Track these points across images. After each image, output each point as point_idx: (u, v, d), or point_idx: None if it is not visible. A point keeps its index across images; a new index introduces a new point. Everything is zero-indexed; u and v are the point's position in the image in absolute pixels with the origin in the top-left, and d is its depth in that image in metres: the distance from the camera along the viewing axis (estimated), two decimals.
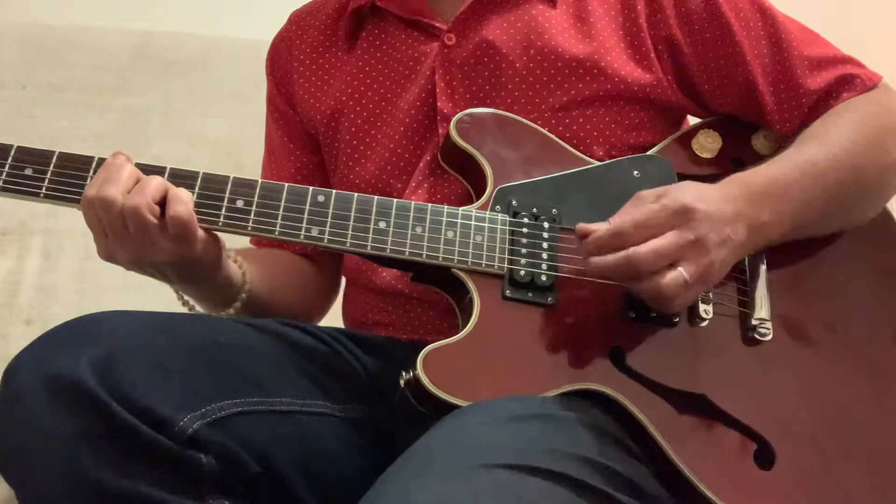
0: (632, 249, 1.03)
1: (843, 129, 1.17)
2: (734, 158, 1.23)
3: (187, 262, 1.10)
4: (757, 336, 1.12)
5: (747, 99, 1.24)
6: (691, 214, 1.04)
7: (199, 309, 1.22)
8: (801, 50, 1.22)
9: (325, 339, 1.21)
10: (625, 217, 1.05)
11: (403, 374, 1.04)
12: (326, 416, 1.12)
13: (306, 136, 1.37)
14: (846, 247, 1.20)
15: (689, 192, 1.06)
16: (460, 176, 1.21)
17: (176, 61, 1.98)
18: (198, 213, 1.08)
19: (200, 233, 1.08)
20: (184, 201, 1.06)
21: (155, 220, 1.05)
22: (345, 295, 1.37)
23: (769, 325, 1.12)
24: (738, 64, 1.23)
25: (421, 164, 1.24)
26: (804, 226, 1.14)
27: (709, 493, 1.04)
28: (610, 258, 1.04)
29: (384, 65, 1.29)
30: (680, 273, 1.03)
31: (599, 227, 1.05)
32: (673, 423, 1.06)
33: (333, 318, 1.39)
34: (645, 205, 1.05)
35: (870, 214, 1.22)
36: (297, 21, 1.39)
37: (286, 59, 1.37)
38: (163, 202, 1.06)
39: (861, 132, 1.17)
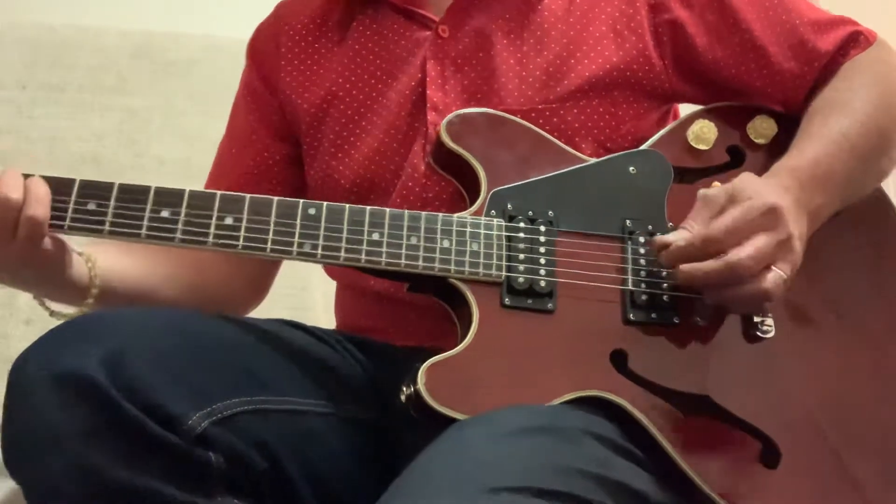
0: (732, 255, 1.02)
1: (862, 94, 1.19)
2: (730, 148, 1.21)
3: (28, 266, 1.07)
4: (759, 334, 1.11)
5: (763, 71, 1.22)
6: (778, 214, 1.04)
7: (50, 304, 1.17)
8: (806, 15, 1.23)
9: (329, 341, 1.21)
10: (717, 222, 1.04)
11: (404, 388, 1.03)
12: (330, 416, 1.12)
13: (280, 123, 1.33)
14: (843, 237, 1.19)
15: (766, 190, 1.06)
16: (453, 178, 1.18)
17: (176, 61, 1.98)
18: (185, 232, 1.05)
19: (46, 238, 1.05)
20: (43, 203, 1.03)
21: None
22: (337, 298, 1.35)
23: (771, 322, 1.11)
24: (748, 41, 1.22)
25: (410, 155, 1.22)
26: (849, 197, 1.16)
27: (714, 496, 1.03)
28: (708, 265, 1.03)
29: (376, 55, 1.28)
30: (779, 274, 1.03)
31: (679, 237, 1.05)
32: (677, 427, 1.05)
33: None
34: (723, 206, 1.05)
35: (892, 167, 1.23)
36: (285, 12, 1.36)
37: (272, 48, 1.34)
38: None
39: (878, 94, 1.19)
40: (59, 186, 1.05)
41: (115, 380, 0.93)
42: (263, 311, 1.37)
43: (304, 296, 1.86)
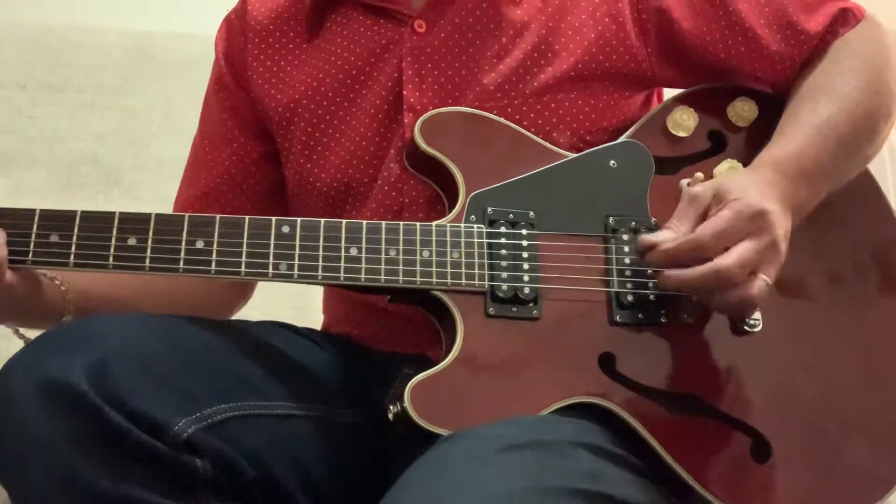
0: (719, 262, 1.01)
1: (849, 78, 1.17)
2: (712, 132, 1.20)
3: None
4: (747, 328, 1.10)
5: (753, 55, 1.20)
6: (765, 219, 1.03)
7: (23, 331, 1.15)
8: None
9: (320, 342, 1.20)
10: (705, 227, 1.03)
11: (391, 407, 1.02)
12: (323, 419, 1.11)
13: (254, 122, 1.30)
14: (829, 222, 1.18)
15: (753, 190, 1.05)
16: (429, 180, 1.16)
17: (176, 61, 1.97)
18: (155, 259, 1.03)
19: (9, 275, 1.03)
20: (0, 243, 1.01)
21: None
22: (325, 301, 1.34)
23: (758, 315, 1.10)
24: (735, 23, 1.19)
25: (387, 159, 1.19)
26: (835, 185, 1.15)
27: (707, 495, 1.04)
28: (694, 272, 1.02)
29: (350, 53, 1.24)
30: (764, 280, 1.03)
31: (665, 237, 1.04)
32: (668, 428, 1.05)
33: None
34: (708, 206, 1.04)
35: (876, 152, 1.22)
36: (252, 4, 1.31)
37: (241, 39, 1.30)
38: None
39: (865, 78, 1.18)
40: (18, 220, 1.03)
41: (99, 388, 0.92)
42: (267, 311, 1.36)
43: (307, 295, 1.86)
